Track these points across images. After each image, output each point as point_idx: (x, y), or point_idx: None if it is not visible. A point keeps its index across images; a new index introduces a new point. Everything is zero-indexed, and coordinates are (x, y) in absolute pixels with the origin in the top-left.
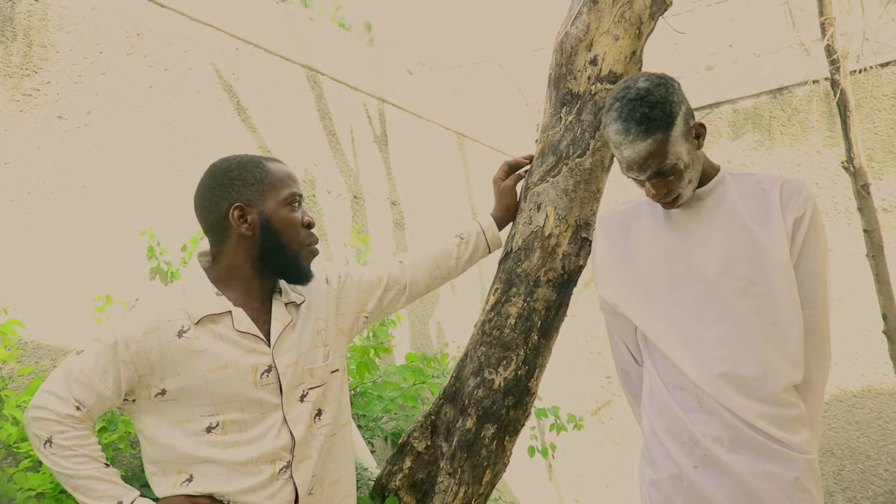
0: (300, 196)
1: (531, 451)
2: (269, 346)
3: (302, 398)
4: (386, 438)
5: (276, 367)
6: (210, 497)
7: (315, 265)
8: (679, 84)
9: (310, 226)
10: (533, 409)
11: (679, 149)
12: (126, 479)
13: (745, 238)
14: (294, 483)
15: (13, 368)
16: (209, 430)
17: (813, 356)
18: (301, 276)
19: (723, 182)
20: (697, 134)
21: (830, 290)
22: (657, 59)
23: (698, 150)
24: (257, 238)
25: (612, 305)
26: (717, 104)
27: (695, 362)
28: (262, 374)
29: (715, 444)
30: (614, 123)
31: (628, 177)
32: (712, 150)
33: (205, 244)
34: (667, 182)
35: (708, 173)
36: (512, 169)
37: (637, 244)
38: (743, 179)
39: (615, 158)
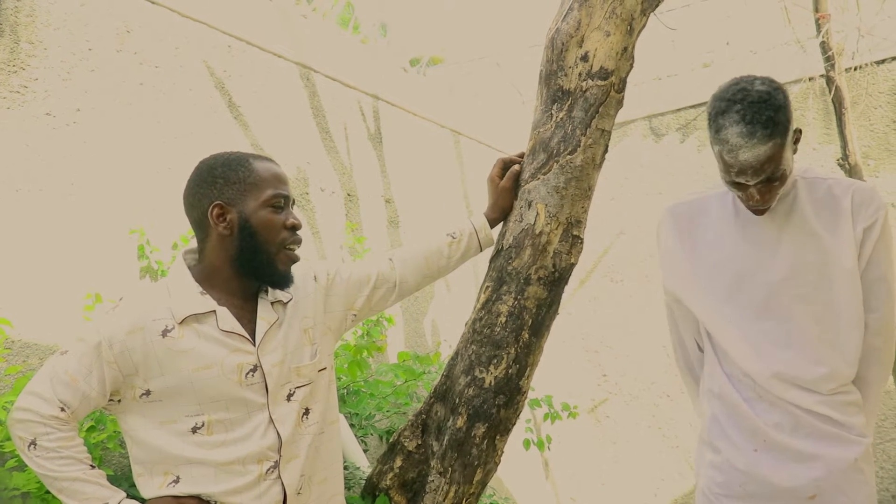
0: (285, 197)
1: (527, 443)
2: (255, 345)
3: (289, 397)
4: (381, 437)
5: (261, 367)
6: (197, 498)
7: (302, 263)
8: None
9: (294, 228)
10: (526, 401)
11: (788, 154)
12: (115, 478)
13: (814, 245)
14: (282, 483)
15: (0, 368)
16: (195, 430)
17: (875, 356)
18: (276, 280)
19: (795, 186)
20: (797, 139)
21: None
22: (654, 56)
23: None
24: (235, 238)
25: (673, 295)
26: None
27: (752, 359)
28: (248, 373)
29: (776, 430)
30: (736, 126)
31: (733, 182)
32: (709, 147)
33: (193, 243)
34: (772, 188)
35: None
36: (506, 166)
37: (703, 239)
38: (815, 184)
39: (722, 163)
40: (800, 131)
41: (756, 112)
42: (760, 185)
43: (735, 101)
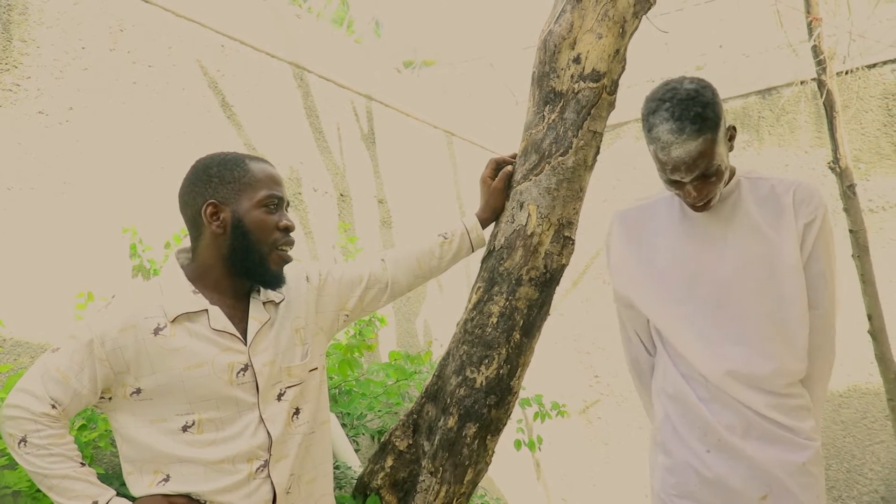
0: (279, 198)
1: (517, 444)
2: (246, 344)
3: (279, 397)
4: (372, 437)
5: (252, 366)
6: (187, 497)
7: (294, 264)
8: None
9: (287, 229)
10: (517, 402)
11: (722, 150)
12: (106, 477)
13: (759, 241)
14: (272, 482)
15: None
16: (185, 429)
17: (818, 353)
18: (267, 280)
19: (739, 185)
20: (731, 136)
21: (838, 290)
22: (647, 58)
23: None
24: (228, 237)
25: (625, 298)
26: None
27: (705, 358)
28: (238, 372)
29: (728, 431)
30: (665, 123)
31: (669, 180)
32: None
33: (186, 242)
34: (708, 184)
35: None
36: (499, 166)
37: (653, 242)
38: (758, 183)
39: (657, 162)
40: (734, 129)
41: (684, 109)
42: (695, 181)
43: (664, 100)
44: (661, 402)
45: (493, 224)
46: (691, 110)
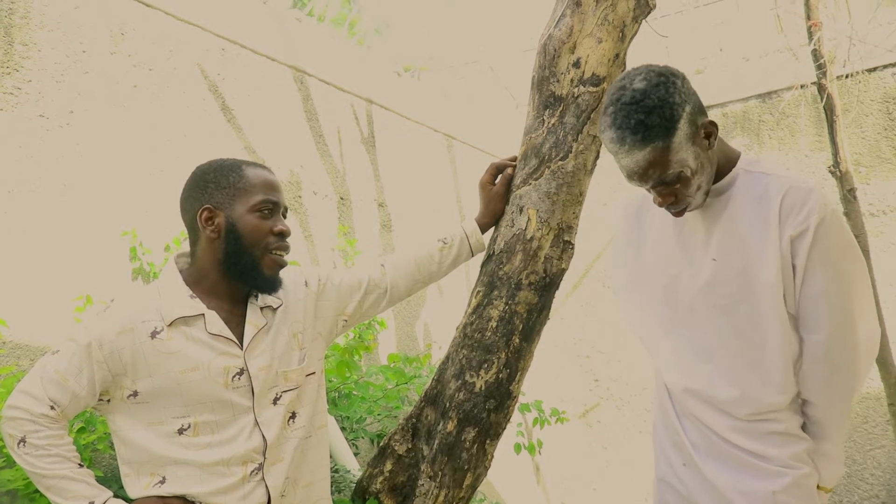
0: (275, 203)
1: (517, 448)
2: (242, 349)
3: (275, 401)
4: (372, 441)
5: (248, 370)
6: (182, 498)
7: (293, 269)
8: (684, 78)
9: (282, 234)
10: (517, 406)
11: (684, 155)
12: (104, 479)
13: (739, 249)
14: (266, 485)
15: None
16: (181, 431)
17: (820, 389)
18: (261, 283)
19: (735, 180)
20: (707, 133)
21: (854, 315)
22: (647, 61)
23: (710, 151)
24: (222, 241)
25: (615, 289)
26: (707, 108)
27: (671, 370)
28: (234, 376)
29: (693, 449)
30: (608, 131)
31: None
32: None
33: (186, 246)
34: (673, 190)
35: (724, 167)
36: (498, 171)
37: (647, 237)
38: (756, 179)
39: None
40: (711, 124)
41: (626, 116)
42: (657, 187)
43: (611, 102)
44: (654, 410)
45: (493, 228)
46: (632, 118)
